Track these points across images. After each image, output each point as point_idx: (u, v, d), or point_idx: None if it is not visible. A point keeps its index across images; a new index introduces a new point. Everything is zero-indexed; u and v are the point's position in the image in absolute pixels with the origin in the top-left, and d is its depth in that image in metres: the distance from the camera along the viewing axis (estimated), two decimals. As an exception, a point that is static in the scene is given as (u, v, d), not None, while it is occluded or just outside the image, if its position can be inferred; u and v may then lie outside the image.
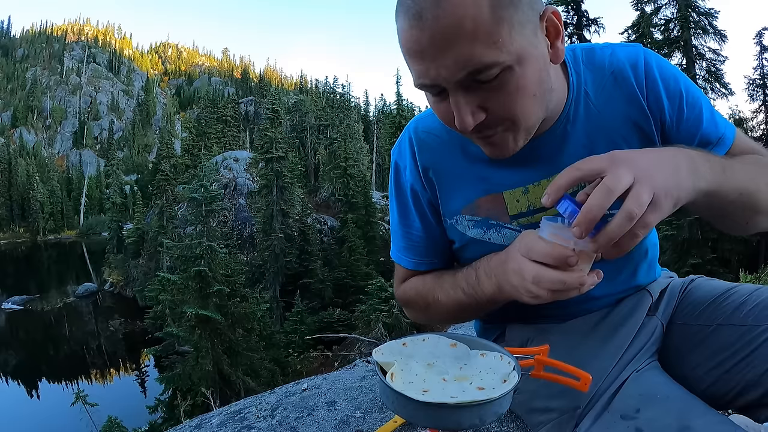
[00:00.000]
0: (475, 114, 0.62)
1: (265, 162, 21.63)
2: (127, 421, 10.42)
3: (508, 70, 0.60)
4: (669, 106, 0.75)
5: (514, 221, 0.81)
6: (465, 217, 0.84)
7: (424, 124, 0.86)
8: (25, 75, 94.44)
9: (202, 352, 11.48)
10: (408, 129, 0.89)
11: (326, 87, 53.46)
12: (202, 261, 12.36)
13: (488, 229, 0.83)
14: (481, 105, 0.63)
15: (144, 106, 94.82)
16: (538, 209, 0.80)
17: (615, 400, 0.69)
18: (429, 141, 0.84)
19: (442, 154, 0.83)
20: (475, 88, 0.61)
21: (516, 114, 0.64)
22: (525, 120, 0.66)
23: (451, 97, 0.63)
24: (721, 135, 0.78)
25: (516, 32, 0.59)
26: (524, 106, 0.64)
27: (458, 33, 0.57)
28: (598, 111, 0.76)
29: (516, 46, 0.59)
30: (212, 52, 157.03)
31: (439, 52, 0.58)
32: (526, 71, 0.62)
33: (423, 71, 0.62)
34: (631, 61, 0.76)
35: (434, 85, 0.63)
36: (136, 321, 22.80)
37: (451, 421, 0.57)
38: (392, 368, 0.64)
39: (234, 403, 1.36)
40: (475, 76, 0.59)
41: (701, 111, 0.77)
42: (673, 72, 0.76)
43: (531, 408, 0.83)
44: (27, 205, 52.71)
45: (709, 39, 14.43)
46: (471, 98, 0.62)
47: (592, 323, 0.84)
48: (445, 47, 0.58)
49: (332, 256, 21.67)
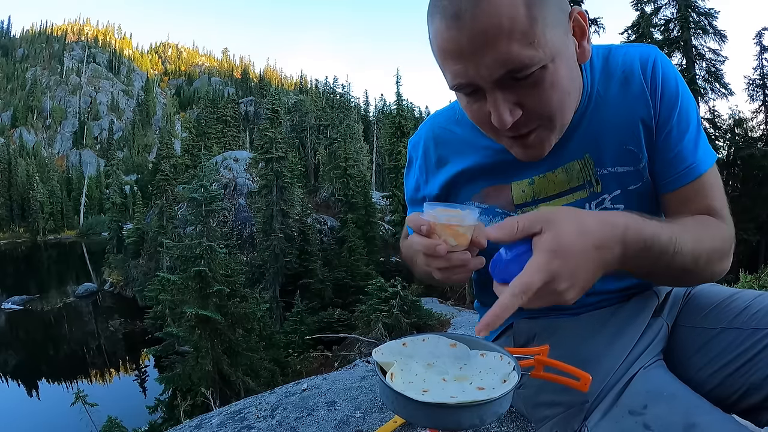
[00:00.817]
0: (512, 111, 0.64)
1: (265, 162, 21.62)
2: (127, 421, 10.41)
3: (544, 67, 0.62)
4: (660, 110, 0.76)
5: (519, 210, 0.85)
6: (474, 204, 0.88)
7: (441, 121, 0.92)
8: (25, 75, 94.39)
9: (202, 352, 11.47)
10: (425, 125, 0.95)
11: (326, 87, 53.46)
12: (202, 261, 12.34)
13: (494, 217, 0.87)
14: (518, 102, 0.64)
15: (144, 106, 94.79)
16: (542, 199, 0.83)
17: (623, 396, 0.70)
18: (446, 137, 0.90)
19: (458, 148, 0.88)
20: (512, 86, 0.63)
21: (552, 110, 0.67)
22: (561, 117, 0.69)
23: (489, 96, 0.64)
24: (690, 163, 0.76)
25: (549, 31, 0.61)
26: (560, 102, 0.67)
27: (497, 32, 0.58)
28: (607, 107, 0.78)
29: (550, 44, 0.61)
30: (212, 52, 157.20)
31: (478, 51, 0.60)
32: (559, 69, 0.64)
33: (461, 71, 0.63)
34: (642, 60, 0.77)
35: (471, 84, 0.65)
36: (136, 321, 22.79)
37: (451, 421, 0.57)
38: (392, 368, 0.64)
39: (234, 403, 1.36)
40: (513, 74, 0.61)
41: (687, 129, 0.76)
42: (676, 82, 0.77)
43: (537, 402, 0.83)
44: (27, 205, 52.68)
45: (709, 39, 14.46)
46: (508, 96, 0.64)
47: (599, 321, 0.85)
48: (484, 47, 0.59)
49: (332, 256, 21.66)
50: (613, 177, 0.80)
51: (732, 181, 16.13)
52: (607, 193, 0.81)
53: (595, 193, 0.81)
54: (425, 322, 11.50)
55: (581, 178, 0.81)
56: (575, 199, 0.82)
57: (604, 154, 0.80)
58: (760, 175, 15.19)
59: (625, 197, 0.81)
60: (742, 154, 15.30)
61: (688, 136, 0.76)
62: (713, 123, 15.36)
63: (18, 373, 19.76)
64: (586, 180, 0.81)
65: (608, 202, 0.82)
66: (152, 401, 12.90)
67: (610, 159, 0.80)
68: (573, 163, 0.81)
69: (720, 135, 15.69)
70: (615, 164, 0.80)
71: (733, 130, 15.92)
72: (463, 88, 0.66)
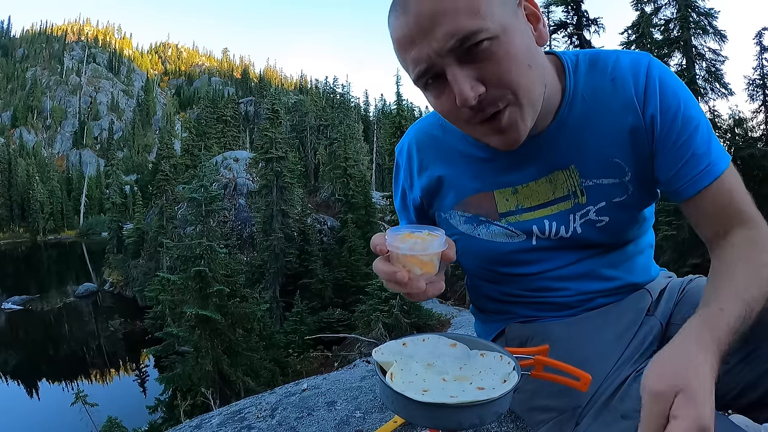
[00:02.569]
0: (473, 87, 0.64)
1: (265, 162, 21.61)
2: (127, 421, 10.40)
3: (495, 39, 0.62)
4: (661, 120, 0.74)
5: (503, 219, 0.84)
6: (457, 213, 0.87)
7: (423, 126, 0.91)
8: (25, 75, 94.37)
9: (202, 352, 11.46)
10: (409, 131, 0.94)
11: (326, 87, 53.47)
12: (202, 261, 12.34)
13: (478, 225, 0.86)
14: (478, 78, 0.64)
15: (144, 106, 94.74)
16: (526, 209, 0.82)
17: (615, 400, 0.69)
18: (428, 142, 0.89)
19: (439, 153, 0.87)
20: (468, 60, 0.63)
21: (513, 82, 0.65)
22: (526, 92, 0.67)
23: (449, 75, 0.64)
24: (707, 164, 0.72)
25: (495, 7, 0.63)
26: (519, 75, 0.65)
27: (443, 9, 0.61)
28: (593, 116, 0.76)
29: (497, 16, 0.62)
30: (212, 52, 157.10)
31: (428, 30, 0.62)
32: (514, 40, 0.64)
33: (417, 56, 0.64)
34: (633, 68, 0.75)
35: (430, 67, 0.65)
36: (136, 321, 22.78)
37: (451, 421, 0.57)
38: (392, 368, 0.64)
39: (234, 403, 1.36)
40: (464, 44, 0.62)
41: (697, 132, 0.73)
42: (673, 86, 0.74)
43: (532, 407, 0.83)
44: (27, 205, 52.66)
45: (709, 39, 14.44)
46: (467, 71, 0.64)
47: (592, 324, 0.84)
48: (432, 25, 0.61)
49: (332, 256, 21.65)
50: (598, 189, 0.79)
51: (732, 181, 16.12)
52: (592, 205, 0.80)
53: (580, 204, 0.81)
54: (425, 322, 11.49)
55: (566, 188, 0.80)
56: (559, 210, 0.81)
57: (590, 165, 0.78)
58: (760, 175, 15.16)
59: (610, 209, 0.80)
60: (742, 154, 15.27)
61: (698, 139, 0.73)
62: (713, 123, 15.35)
63: (18, 373, 19.76)
64: (571, 191, 0.80)
65: (593, 213, 0.81)
66: (152, 401, 12.90)
67: (595, 170, 0.78)
68: (557, 173, 0.80)
69: (720, 135, 15.66)
70: (600, 176, 0.78)
71: (733, 130, 15.90)
72: (424, 75, 0.66)
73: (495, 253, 0.86)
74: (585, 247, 0.84)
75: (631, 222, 0.83)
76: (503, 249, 0.85)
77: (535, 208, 0.82)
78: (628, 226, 0.84)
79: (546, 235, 0.83)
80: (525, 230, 0.84)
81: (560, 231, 0.82)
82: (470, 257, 0.91)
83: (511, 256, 0.86)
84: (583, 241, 0.83)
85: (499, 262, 0.88)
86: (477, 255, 0.89)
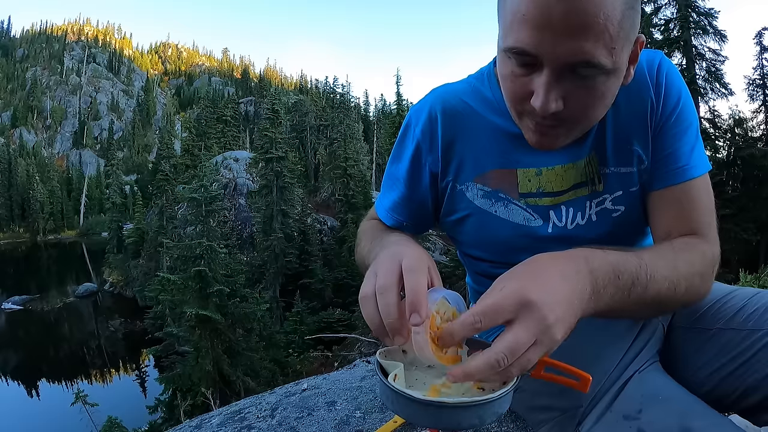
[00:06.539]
0: (557, 102, 0.63)
1: (265, 162, 21.64)
2: (127, 421, 10.43)
3: (602, 77, 0.62)
4: (662, 110, 0.76)
5: (522, 199, 0.83)
6: (476, 185, 0.85)
7: (454, 90, 0.86)
8: (25, 75, 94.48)
9: (202, 352, 11.48)
10: (435, 92, 0.88)
11: (326, 87, 53.59)
12: (202, 261, 12.35)
13: (496, 202, 0.84)
14: (564, 96, 0.64)
15: (144, 106, 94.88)
16: (546, 193, 0.81)
17: (617, 400, 0.69)
18: (458, 107, 0.84)
19: (469, 122, 0.84)
20: (569, 78, 0.62)
21: (590, 117, 0.68)
22: (589, 123, 0.70)
23: (545, 76, 0.62)
24: (684, 164, 0.75)
25: (625, 47, 0.62)
26: (597, 111, 0.67)
27: (591, 24, 0.57)
28: (616, 108, 0.77)
29: (620, 58, 0.62)
30: (212, 52, 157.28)
31: (567, 30, 0.58)
32: (614, 83, 0.65)
33: (535, 41, 0.60)
34: (649, 61, 0.77)
35: (533, 56, 0.62)
36: (136, 321, 22.81)
37: (451, 421, 0.57)
38: (396, 370, 0.64)
39: (234, 403, 1.36)
40: (582, 67, 0.60)
41: (686, 132, 0.76)
42: (678, 84, 0.77)
43: (533, 406, 0.83)
44: (27, 205, 52.74)
45: (709, 39, 14.46)
46: (561, 86, 0.63)
47: (593, 324, 0.83)
48: (575, 30, 0.58)
49: (332, 256, 21.68)
50: (615, 177, 0.80)
51: (732, 181, 16.12)
52: (609, 193, 0.80)
53: (597, 191, 0.81)
54: (425, 322, 11.48)
55: (585, 175, 0.80)
56: (577, 196, 0.81)
57: (610, 153, 0.79)
58: (760, 175, 15.18)
59: (626, 198, 0.80)
60: (742, 154, 15.29)
61: (686, 139, 0.76)
62: (713, 123, 15.35)
63: (18, 373, 19.78)
64: (589, 177, 0.80)
65: (609, 202, 0.81)
66: (152, 401, 12.91)
67: (614, 158, 0.79)
68: (581, 160, 0.80)
69: (720, 135, 15.69)
70: (618, 164, 0.79)
71: (733, 130, 15.91)
72: (520, 57, 0.63)
73: (509, 235, 0.85)
74: (596, 243, 0.84)
75: (643, 216, 0.83)
76: (518, 232, 0.84)
77: (555, 194, 0.82)
78: (641, 219, 0.83)
79: (563, 224, 0.83)
80: (542, 215, 0.83)
81: (576, 218, 0.82)
82: (482, 241, 0.89)
83: (524, 241, 0.84)
84: (595, 236, 0.82)
85: (511, 248, 0.86)
86: (491, 236, 0.87)
